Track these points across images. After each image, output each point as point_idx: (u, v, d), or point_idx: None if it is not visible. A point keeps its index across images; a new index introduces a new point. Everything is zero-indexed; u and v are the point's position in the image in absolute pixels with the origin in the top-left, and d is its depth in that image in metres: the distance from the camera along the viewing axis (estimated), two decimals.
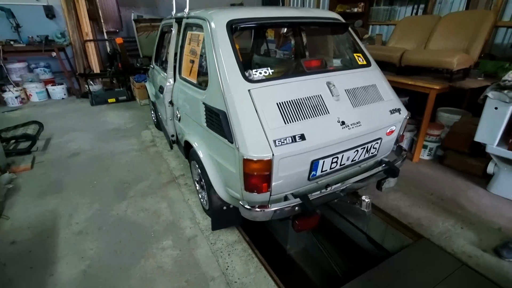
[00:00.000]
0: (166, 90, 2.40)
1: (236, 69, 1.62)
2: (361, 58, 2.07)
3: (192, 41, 2.08)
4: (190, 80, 2.08)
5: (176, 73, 2.34)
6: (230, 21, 1.74)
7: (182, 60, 2.25)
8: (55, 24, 5.80)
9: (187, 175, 2.86)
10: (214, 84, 1.67)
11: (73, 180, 2.82)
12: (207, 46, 1.77)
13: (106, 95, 5.48)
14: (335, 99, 1.73)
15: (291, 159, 1.52)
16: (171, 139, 2.63)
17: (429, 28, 3.35)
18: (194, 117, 1.99)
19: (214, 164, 1.83)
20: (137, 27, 3.76)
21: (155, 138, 3.79)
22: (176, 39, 2.35)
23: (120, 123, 4.39)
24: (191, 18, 2.09)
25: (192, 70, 2.07)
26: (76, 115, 4.74)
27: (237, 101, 1.53)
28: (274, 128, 1.51)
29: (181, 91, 2.23)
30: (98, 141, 3.70)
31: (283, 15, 1.95)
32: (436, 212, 2.28)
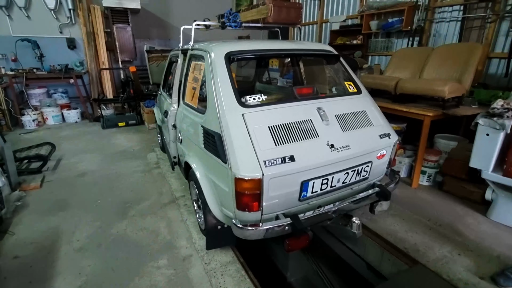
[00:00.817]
0: (170, 114, 2.56)
1: (232, 95, 1.76)
2: (352, 86, 2.21)
3: (195, 70, 2.27)
4: (191, 105, 2.24)
5: (180, 99, 2.52)
6: (228, 53, 1.92)
7: (186, 87, 2.43)
8: (75, 54, 6.28)
9: (187, 196, 2.93)
10: (212, 109, 1.81)
11: (78, 198, 2.93)
12: (207, 74, 1.94)
13: (117, 119, 5.76)
14: (325, 123, 1.84)
15: (281, 179, 1.60)
16: (173, 160, 2.75)
17: (423, 58, 3.52)
18: (193, 139, 2.11)
19: (210, 184, 1.92)
20: (149, 57, 4.07)
21: (159, 160, 3.92)
22: (181, 68, 2.56)
23: (128, 145, 4.57)
24: (195, 50, 2.30)
25: (194, 96, 2.24)
26: (87, 138, 4.97)
27: (231, 124, 1.65)
28: (265, 149, 1.60)
29: (183, 115, 2.39)
30: (105, 163, 3.86)
31: (278, 47, 2.14)
32: (433, 238, 2.26)
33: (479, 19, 3.73)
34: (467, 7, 3.83)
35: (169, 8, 6.99)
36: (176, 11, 7.05)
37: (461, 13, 3.92)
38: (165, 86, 3.40)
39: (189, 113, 2.25)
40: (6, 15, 5.57)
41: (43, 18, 5.89)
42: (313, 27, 6.74)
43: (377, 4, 4.88)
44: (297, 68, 2.75)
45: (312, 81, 2.58)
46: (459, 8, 3.95)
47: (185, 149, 2.38)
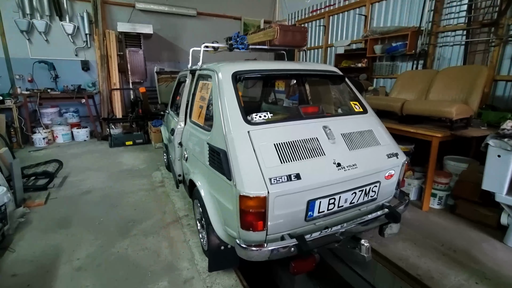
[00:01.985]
0: (176, 132, 2.59)
1: (238, 112, 1.78)
2: (358, 105, 2.21)
3: (202, 89, 2.32)
4: (198, 123, 2.26)
5: (187, 117, 2.55)
6: (235, 72, 1.97)
7: (193, 105, 2.47)
8: (88, 75, 6.53)
9: (191, 215, 2.88)
10: (218, 126, 1.82)
11: (81, 216, 2.90)
12: (214, 93, 1.98)
13: (125, 138, 5.84)
14: (331, 142, 1.82)
15: (287, 198, 1.57)
16: (178, 178, 2.74)
17: (428, 80, 3.54)
18: (199, 157, 2.11)
19: (213, 202, 1.88)
20: (158, 78, 4.20)
21: (164, 179, 3.91)
22: (189, 88, 2.62)
23: (134, 164, 4.59)
24: (203, 70, 2.36)
25: (200, 114, 2.27)
26: (94, 156, 5.02)
27: (236, 140, 1.65)
28: (270, 167, 1.58)
29: (190, 133, 2.41)
30: (110, 181, 3.86)
31: (284, 67, 2.18)
32: (448, 265, 2.14)
33: (482, 43, 3.78)
34: (470, 32, 3.90)
35: (179, 33, 7.31)
36: (186, 36, 7.37)
37: (464, 37, 3.99)
38: (172, 106, 3.47)
39: (195, 130, 2.26)
40: (26, 39, 5.88)
41: (61, 42, 6.20)
42: (319, 51, 6.93)
43: (380, 29, 5.02)
44: (303, 88, 2.79)
45: (317, 101, 2.60)
46: (462, 33, 4.03)
47: (190, 167, 2.37)
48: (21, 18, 5.69)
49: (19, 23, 5.67)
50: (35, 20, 5.82)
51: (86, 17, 6.14)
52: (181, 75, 3.18)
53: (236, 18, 7.89)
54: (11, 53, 5.87)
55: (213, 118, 1.91)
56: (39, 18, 5.88)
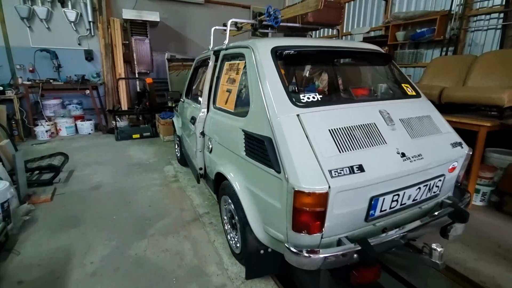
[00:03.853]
0: (198, 120, 2.31)
1: (283, 93, 1.50)
2: (410, 88, 1.93)
3: (230, 71, 2.04)
4: (226, 109, 1.99)
5: (210, 104, 2.27)
6: (274, 47, 1.69)
7: (218, 90, 2.20)
8: (92, 65, 6.23)
9: (212, 213, 2.62)
10: (258, 110, 1.54)
11: (91, 214, 2.64)
12: (250, 73, 1.70)
13: (131, 131, 5.57)
14: (391, 128, 1.55)
15: (349, 194, 1.30)
16: (199, 172, 2.47)
17: (465, 67, 3.25)
18: (230, 147, 1.84)
19: (252, 198, 1.62)
20: (169, 66, 3.91)
21: (178, 173, 3.65)
22: (213, 71, 2.34)
23: (143, 158, 4.33)
24: (230, 49, 2.08)
25: (229, 99, 1.99)
26: (100, 150, 4.76)
27: (285, 126, 1.38)
28: (329, 156, 1.32)
29: (215, 121, 2.14)
30: (120, 175, 3.60)
31: (327, 44, 1.90)
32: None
33: None
34: (508, 14, 3.59)
35: (186, 21, 6.99)
36: (193, 25, 7.04)
37: (501, 20, 3.69)
38: (188, 94, 3.19)
39: (223, 117, 1.99)
40: (27, 27, 5.58)
41: (63, 30, 5.90)
42: None
43: (404, 14, 4.71)
44: (335, 69, 2.49)
45: (359, 83, 2.32)
46: (498, 16, 3.72)
47: (217, 159, 2.10)
48: (21, 4, 5.38)
49: (19, 10, 5.36)
50: (36, 6, 5.50)
51: (89, 3, 5.82)
52: (199, 59, 2.89)
53: (245, 6, 7.55)
54: (12, 42, 5.57)
55: (250, 101, 1.63)
56: (40, 5, 5.56)
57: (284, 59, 1.67)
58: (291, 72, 2.12)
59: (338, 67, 2.16)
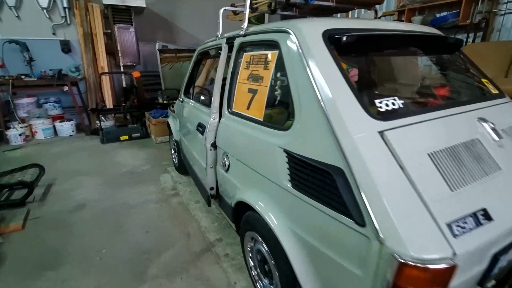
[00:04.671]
0: (209, 129, 1.80)
1: (352, 98, 1.01)
2: (491, 85, 1.48)
3: (253, 65, 1.53)
4: (250, 116, 1.49)
5: (223, 107, 1.76)
6: (327, 31, 1.19)
7: (233, 90, 1.69)
8: (70, 58, 5.52)
9: (226, 239, 2.14)
10: (311, 123, 1.06)
11: (75, 247, 2.11)
12: (290, 67, 1.20)
13: (119, 132, 4.96)
14: (498, 144, 1.10)
15: (473, 257, 0.84)
16: (210, 193, 1.97)
17: (507, 55, 2.85)
18: (260, 169, 1.35)
19: (304, 248, 1.14)
20: (161, 58, 3.35)
21: (176, 184, 3.13)
22: (227, 65, 1.81)
23: (134, 164, 3.77)
24: (252, 35, 1.56)
25: (253, 102, 1.49)
26: (84, 155, 4.16)
27: (365, 151, 0.90)
28: (439, 199, 0.85)
29: (232, 130, 1.63)
30: (108, 188, 3.05)
31: (390, 27, 1.41)
32: None
33: None
34: None
35: (176, 9, 6.31)
36: (184, 12, 6.37)
37: None
38: (188, 92, 2.65)
39: (246, 127, 1.49)
40: None
41: (35, 18, 5.15)
42: None
43: None
44: (407, 60, 1.98)
45: (427, 80, 1.83)
46: None
47: (237, 181, 1.61)
48: None
49: None
50: None
51: None
52: (203, 50, 2.33)
53: None
54: None
55: (296, 109, 1.14)
56: None
57: (341, 48, 1.17)
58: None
59: (404, 58, 1.67)
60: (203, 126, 1.89)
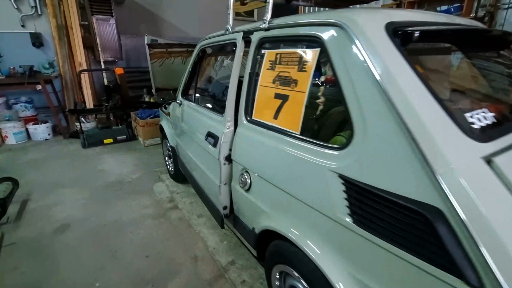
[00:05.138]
0: (223, 140, 1.52)
1: (440, 112, 0.78)
2: None
3: (281, 65, 1.26)
4: (279, 128, 1.23)
5: (240, 115, 1.49)
6: (389, 24, 0.94)
7: (254, 94, 1.42)
8: (42, 53, 4.97)
9: (239, 261, 1.89)
10: (383, 142, 0.82)
11: (61, 280, 1.79)
12: (344, 70, 0.95)
13: (102, 134, 4.53)
14: None
15: None
16: (223, 213, 1.71)
17: None
18: (300, 195, 1.10)
19: None
20: (151, 53, 3.00)
21: (174, 195, 2.83)
22: (245, 64, 1.53)
23: (123, 172, 3.41)
24: (279, 29, 1.29)
25: (283, 110, 1.23)
26: (63, 163, 3.73)
27: (474, 187, 0.67)
28: None
29: (253, 143, 1.37)
30: (95, 203, 2.69)
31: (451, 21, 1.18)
32: None
33: None
34: None
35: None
36: (171, 3, 5.93)
37: None
38: (187, 92, 2.33)
39: (276, 141, 1.23)
40: None
41: (0, 8, 4.56)
42: None
43: None
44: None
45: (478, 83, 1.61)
46: None
47: (263, 204, 1.35)
48: None
49: None
50: None
51: None
52: (206, 45, 2.01)
53: None
54: None
55: (354, 124, 0.90)
56: None
57: (409, 45, 0.93)
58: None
59: (477, 58, 1.43)
60: (215, 137, 1.60)
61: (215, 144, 1.58)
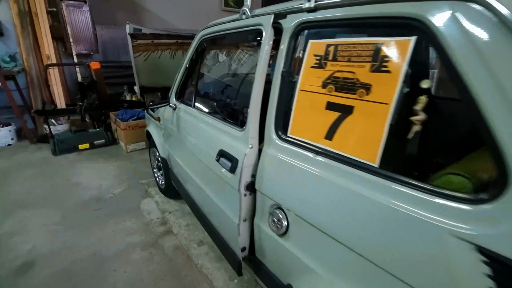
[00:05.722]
0: (245, 164, 1.11)
1: None
2: None
3: (340, 61, 0.87)
4: (338, 154, 0.84)
5: (268, 129, 1.08)
6: None
7: (289, 101, 1.02)
8: (2, 44, 4.26)
9: None
10: None
11: None
12: (478, 71, 0.57)
13: (76, 139, 3.94)
14: None
15: None
16: (242, 255, 1.30)
17: None
18: (388, 266, 0.72)
19: None
20: (134, 45, 2.49)
21: (166, 215, 2.38)
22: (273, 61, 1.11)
23: (102, 185, 2.90)
24: (335, 8, 0.89)
25: (343, 128, 0.85)
26: (28, 174, 3.15)
27: None
28: None
29: (294, 172, 0.97)
30: (68, 230, 2.20)
31: None
32: None
33: None
34: None
35: None
36: None
37: None
38: (183, 95, 1.88)
39: (335, 175, 0.84)
40: None
41: None
42: None
43: None
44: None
45: None
46: None
47: (309, 259, 0.96)
48: None
49: None
50: None
51: None
52: (212, 34, 1.56)
53: None
54: None
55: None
56: None
57: None
58: None
59: None
60: (232, 159, 1.18)
61: (233, 169, 1.16)
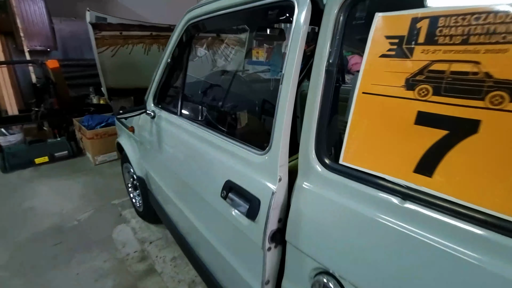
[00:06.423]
0: (273, 205, 0.73)
1: None
2: None
3: (446, 44, 0.51)
4: (455, 203, 0.49)
5: (308, 152, 0.71)
6: None
7: (348, 113, 0.65)
8: None
9: None
10: None
11: None
12: None
13: (32, 151, 3.32)
14: None
15: None
16: None
17: None
18: None
19: None
20: (98, 38, 2.00)
21: (145, 246, 1.93)
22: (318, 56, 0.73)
23: (64, 210, 2.38)
24: None
25: (459, 157, 0.49)
26: None
27: None
28: None
29: (358, 223, 0.61)
30: (17, 276, 1.69)
31: None
32: None
33: None
34: None
35: None
36: None
37: None
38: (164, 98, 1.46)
39: (448, 239, 0.49)
40: None
41: None
42: None
43: None
44: None
45: None
46: None
47: None
48: None
49: None
50: None
51: None
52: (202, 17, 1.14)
53: None
54: None
55: None
56: None
57: None
58: None
59: None
60: (250, 198, 0.78)
61: (252, 213, 0.77)
